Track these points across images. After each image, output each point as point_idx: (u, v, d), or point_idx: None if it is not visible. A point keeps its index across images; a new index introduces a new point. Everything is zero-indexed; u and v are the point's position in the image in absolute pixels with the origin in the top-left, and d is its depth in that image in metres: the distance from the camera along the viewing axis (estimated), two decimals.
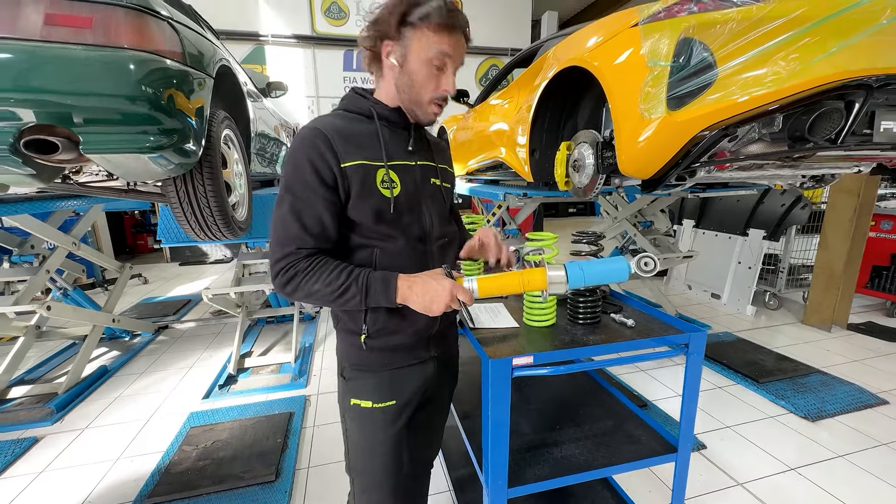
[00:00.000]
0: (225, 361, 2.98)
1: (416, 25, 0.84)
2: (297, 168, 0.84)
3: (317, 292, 0.83)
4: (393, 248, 0.92)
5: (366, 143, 0.90)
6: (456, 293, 0.84)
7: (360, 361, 0.97)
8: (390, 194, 0.89)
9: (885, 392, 2.48)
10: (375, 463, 0.97)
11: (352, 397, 0.97)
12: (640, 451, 1.19)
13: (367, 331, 0.93)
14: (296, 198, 0.84)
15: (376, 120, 0.92)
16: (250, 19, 6.11)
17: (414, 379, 0.99)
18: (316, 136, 0.85)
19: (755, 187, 2.92)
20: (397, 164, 0.92)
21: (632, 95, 1.58)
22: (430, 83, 0.88)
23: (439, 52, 0.85)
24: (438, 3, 0.84)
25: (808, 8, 1.34)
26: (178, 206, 1.63)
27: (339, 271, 0.84)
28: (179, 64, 1.42)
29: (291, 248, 0.84)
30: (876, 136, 1.43)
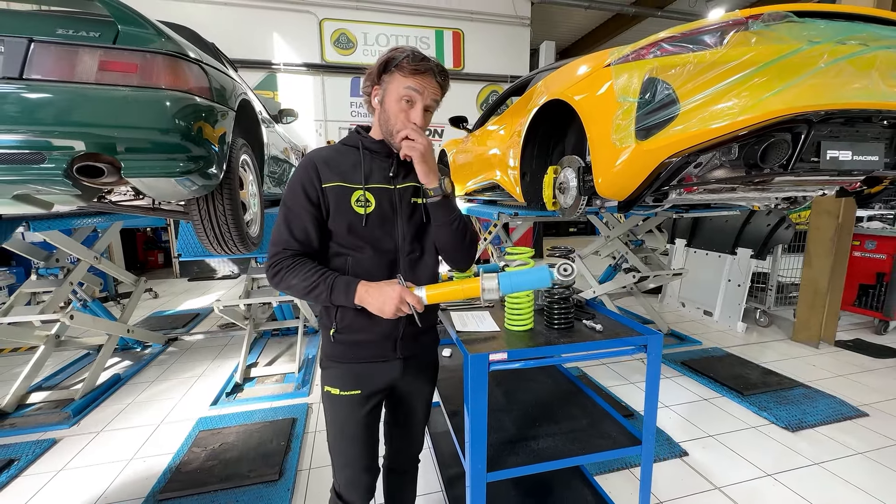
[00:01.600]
0: (232, 371, 3.12)
1: (392, 72, 1.05)
2: (293, 188, 1.08)
3: (295, 286, 1.04)
4: (363, 258, 1.10)
5: (347, 170, 1.10)
6: (405, 298, 1.00)
7: (331, 352, 1.15)
8: (364, 211, 1.08)
9: (865, 405, 2.57)
10: (346, 444, 1.16)
11: (325, 384, 1.16)
12: (608, 444, 1.32)
13: (337, 326, 1.12)
14: (289, 211, 1.07)
15: (360, 150, 1.12)
16: (264, 49, 6.50)
17: (378, 374, 1.15)
18: (308, 164, 1.08)
19: (736, 208, 3.08)
20: (375, 187, 1.10)
21: (605, 127, 1.77)
22: (400, 117, 1.06)
23: (406, 89, 1.04)
24: (408, 53, 1.04)
25: (755, 53, 1.53)
26: (200, 223, 1.81)
27: (314, 271, 1.05)
28: (207, 100, 1.63)
29: (280, 248, 1.07)
30: (822, 164, 1.60)
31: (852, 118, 1.59)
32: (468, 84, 7.33)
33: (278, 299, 2.93)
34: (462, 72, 7.25)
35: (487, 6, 7.13)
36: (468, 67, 7.26)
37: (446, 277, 1.93)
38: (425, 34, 7.03)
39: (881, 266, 3.63)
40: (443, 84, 1.10)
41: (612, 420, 1.48)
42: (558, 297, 1.38)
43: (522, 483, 1.74)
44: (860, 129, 1.64)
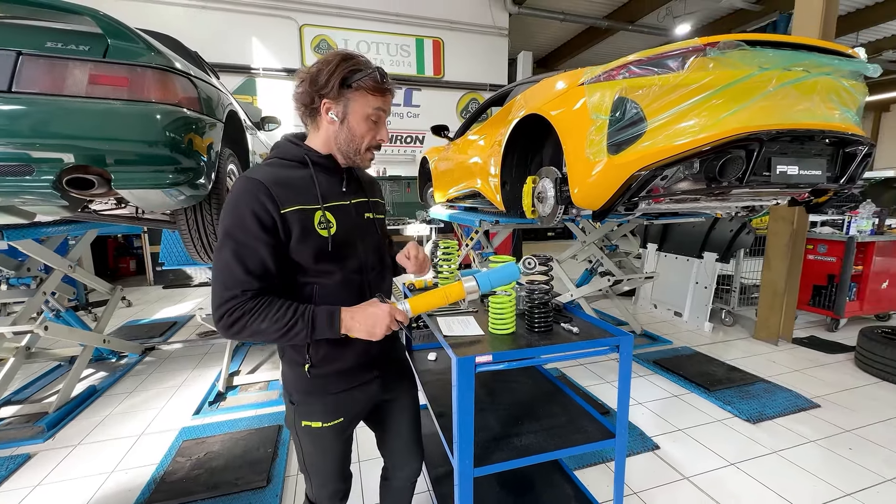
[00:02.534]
0: (214, 380, 3.09)
1: (356, 88, 0.98)
2: (239, 217, 0.91)
3: (264, 330, 0.90)
4: (331, 283, 1.03)
5: (302, 189, 0.99)
6: (394, 315, 0.98)
7: (307, 387, 1.08)
8: (328, 234, 0.99)
9: (818, 397, 2.79)
10: (328, 463, 1.14)
11: (303, 420, 1.08)
12: (585, 438, 1.42)
13: (311, 360, 1.04)
14: (238, 244, 0.91)
15: (310, 166, 1.03)
16: (243, 53, 6.44)
17: (360, 398, 1.14)
18: (256, 187, 0.93)
19: (701, 215, 3.29)
20: (332, 205, 1.03)
21: (580, 141, 1.90)
22: (370, 135, 1.04)
23: (376, 110, 1.02)
24: (373, 70, 0.98)
25: (713, 77, 1.68)
26: (188, 232, 1.83)
27: (286, 309, 0.92)
28: (196, 112, 1.66)
29: (237, 290, 0.90)
30: (773, 178, 1.77)
31: (798, 137, 1.76)
32: (448, 92, 7.46)
33: None
34: (442, 79, 7.37)
35: (467, 16, 7.29)
36: (448, 75, 7.39)
37: (431, 284, 2.01)
38: (406, 42, 7.13)
39: (832, 268, 3.92)
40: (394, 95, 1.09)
41: (589, 416, 1.58)
42: (538, 302, 1.47)
43: (507, 480, 1.83)
44: (805, 147, 1.82)
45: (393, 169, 7.46)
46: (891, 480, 2.00)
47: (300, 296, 1.01)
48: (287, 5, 6.47)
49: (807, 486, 1.97)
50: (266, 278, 0.94)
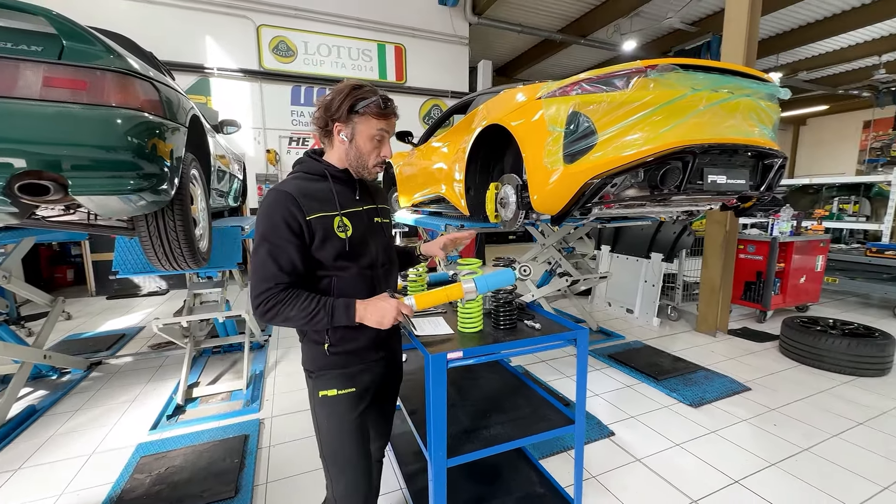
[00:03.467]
0: (171, 393, 2.96)
1: (362, 113, 1.16)
2: (274, 223, 1.10)
3: (293, 317, 1.09)
4: (347, 276, 1.21)
5: (323, 199, 1.18)
6: (401, 308, 1.14)
7: (325, 363, 1.23)
8: (345, 236, 1.18)
9: (749, 381, 3.11)
10: (344, 444, 1.23)
11: (320, 390, 1.23)
12: (548, 426, 1.54)
13: (330, 341, 1.21)
14: (272, 245, 1.10)
15: (329, 179, 1.22)
16: (196, 52, 6.18)
17: (368, 374, 1.28)
18: (286, 198, 1.12)
19: (648, 219, 3.58)
20: (349, 212, 1.22)
21: (538, 151, 2.04)
22: (374, 153, 1.21)
23: (380, 131, 1.19)
24: (377, 97, 1.17)
25: (653, 96, 1.88)
26: (148, 240, 1.78)
27: (310, 300, 1.10)
28: (159, 117, 1.63)
29: (271, 283, 1.09)
30: (705, 186, 1.99)
31: (725, 150, 2.00)
32: (411, 97, 7.54)
33: (224, 314, 2.85)
34: (405, 85, 7.44)
35: (428, 24, 7.42)
36: (410, 81, 7.47)
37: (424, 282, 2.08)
38: (368, 47, 7.13)
39: (759, 266, 4.37)
40: (398, 117, 1.28)
41: (551, 406, 1.71)
42: (503, 302, 1.58)
43: (476, 471, 1.92)
44: (731, 159, 2.06)
45: None
46: (807, 450, 2.29)
47: (320, 287, 1.19)
48: (243, 4, 6.30)
49: (739, 460, 2.21)
50: (294, 274, 1.12)
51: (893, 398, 2.85)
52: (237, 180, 3.83)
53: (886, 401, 2.81)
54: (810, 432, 2.46)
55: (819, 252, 4.62)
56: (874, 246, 4.99)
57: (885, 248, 4.89)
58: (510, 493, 1.78)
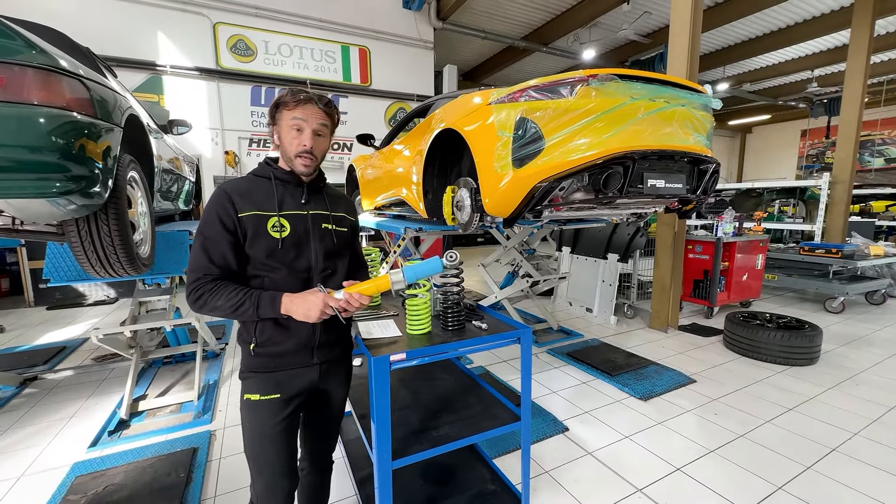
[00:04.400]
0: (115, 407, 2.80)
1: (280, 109, 1.22)
2: (209, 218, 1.17)
3: (220, 306, 1.14)
4: (278, 277, 1.22)
5: (262, 198, 1.22)
6: (328, 302, 1.14)
7: (251, 364, 1.25)
8: (279, 236, 1.20)
9: (695, 374, 3.30)
10: (265, 448, 1.23)
11: (245, 393, 1.24)
12: (497, 423, 1.58)
13: (256, 341, 1.22)
14: (206, 239, 1.16)
15: (273, 180, 1.25)
16: (146, 48, 5.89)
17: (298, 379, 1.26)
18: (221, 195, 1.19)
19: (602, 221, 3.73)
20: (289, 213, 1.23)
21: (489, 155, 2.09)
22: (293, 143, 1.22)
23: (293, 120, 1.20)
24: (288, 90, 1.22)
25: (596, 104, 1.96)
26: (80, 245, 1.68)
27: (238, 291, 1.15)
28: (89, 116, 1.55)
29: (200, 274, 1.15)
30: (645, 190, 2.10)
31: (663, 156, 2.12)
32: (376, 100, 7.50)
33: (172, 323, 2.72)
34: (369, 88, 7.40)
35: (393, 27, 7.41)
36: (375, 84, 7.43)
37: None
38: (331, 48, 7.04)
39: (706, 265, 4.64)
40: (328, 112, 1.25)
41: (501, 405, 1.75)
42: (451, 303, 1.61)
43: (430, 472, 1.93)
44: (669, 165, 2.19)
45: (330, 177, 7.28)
46: (743, 436, 2.45)
47: (253, 285, 1.21)
48: (198, 0, 6.07)
49: (682, 448, 2.34)
50: (225, 268, 1.17)
51: (820, 385, 3.09)
52: (189, 182, 3.68)
53: (814, 388, 3.05)
54: (746, 419, 2.63)
55: (759, 251, 4.96)
56: (807, 245, 5.42)
57: (816, 246, 5.31)
58: (462, 492, 1.80)
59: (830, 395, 2.93)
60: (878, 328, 4.45)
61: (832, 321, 4.69)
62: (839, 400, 2.87)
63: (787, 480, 2.06)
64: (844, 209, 6.16)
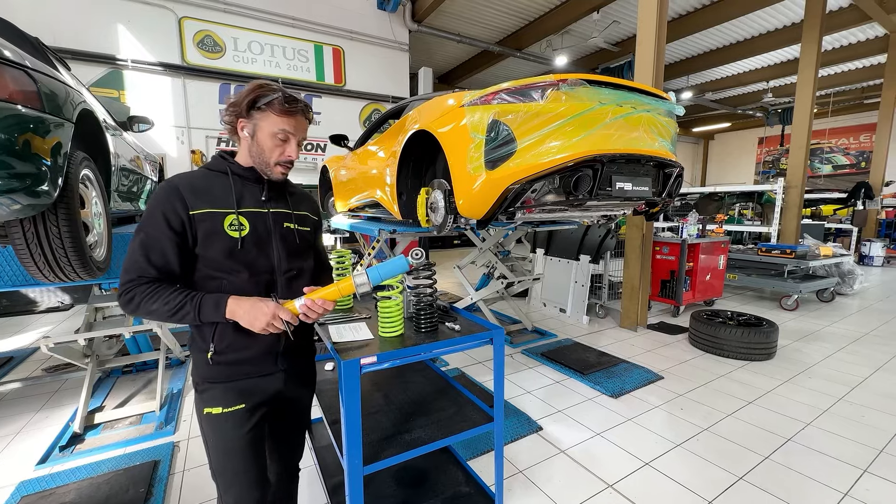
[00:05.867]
0: (68, 420, 2.63)
1: (263, 109, 1.11)
2: (151, 214, 1.07)
3: (156, 310, 1.03)
4: (239, 280, 1.13)
5: (218, 195, 1.12)
6: (278, 314, 1.05)
7: (209, 374, 1.15)
8: (238, 235, 1.11)
9: (663, 370, 3.41)
10: (233, 461, 1.16)
11: (204, 407, 1.15)
12: (470, 424, 1.58)
13: (214, 348, 1.12)
14: (147, 237, 1.06)
15: (230, 176, 1.16)
16: (104, 41, 5.60)
17: (262, 387, 1.19)
18: (170, 190, 1.08)
19: (574, 223, 3.81)
20: (248, 211, 1.15)
21: (462, 157, 2.10)
22: (276, 151, 1.15)
23: (281, 130, 1.13)
24: (279, 94, 1.11)
25: (566, 108, 2.00)
26: (25, 248, 1.57)
27: (177, 293, 1.05)
28: (35, 110, 1.45)
29: (134, 275, 1.05)
30: (613, 192, 2.15)
31: (630, 160, 2.18)
32: (350, 101, 7.41)
33: (132, 329, 2.58)
34: (343, 88, 7.30)
35: (368, 28, 7.35)
36: (350, 84, 7.35)
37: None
38: (304, 47, 6.91)
39: (672, 265, 4.82)
40: (310, 120, 1.22)
41: (474, 406, 1.75)
42: (424, 305, 1.60)
43: (403, 476, 1.91)
44: (636, 168, 2.25)
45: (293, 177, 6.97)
46: (707, 429, 2.55)
47: (208, 289, 1.11)
48: None
49: (650, 443, 2.41)
50: (164, 269, 1.06)
51: (777, 378, 3.26)
52: (150, 182, 3.52)
53: (771, 381, 3.22)
54: (710, 413, 2.74)
55: (721, 252, 5.19)
56: (764, 246, 5.72)
57: (772, 247, 5.62)
58: (437, 496, 1.79)
59: (786, 388, 3.10)
60: (828, 324, 4.74)
61: (787, 318, 4.97)
62: (794, 392, 3.03)
63: (748, 470, 2.15)
64: (797, 212, 6.54)
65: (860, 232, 8.98)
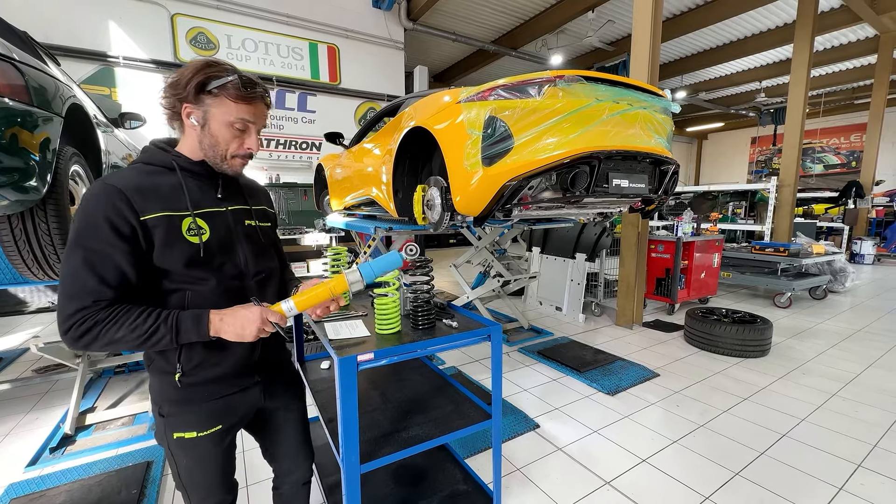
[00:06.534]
0: (58, 422, 2.59)
1: (216, 94, 0.96)
2: (92, 225, 0.87)
3: (121, 339, 0.86)
4: (205, 290, 1.00)
5: (169, 195, 0.96)
6: (266, 316, 0.95)
7: (178, 397, 1.02)
8: (199, 240, 0.97)
9: (659, 368, 3.42)
10: (209, 477, 1.09)
11: (174, 432, 1.02)
12: (468, 422, 1.56)
13: (182, 369, 0.99)
14: (90, 252, 0.86)
15: (178, 172, 0.99)
16: (96, 37, 5.52)
17: (240, 404, 1.11)
18: (111, 193, 0.89)
19: (570, 221, 3.81)
20: (205, 212, 1.01)
21: (459, 154, 2.08)
22: (234, 142, 1.01)
23: (240, 119, 0.98)
24: (235, 76, 0.95)
25: (563, 104, 1.99)
26: (13, 244, 1.54)
27: (147, 315, 0.89)
28: (22, 103, 1.43)
29: (87, 301, 0.86)
30: (610, 189, 2.15)
31: (627, 157, 2.18)
32: (345, 99, 7.37)
33: None
34: (339, 86, 7.26)
35: (363, 26, 7.32)
36: (345, 83, 7.31)
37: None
38: (298, 45, 6.87)
39: (668, 263, 4.84)
40: (269, 105, 1.07)
41: (472, 403, 1.74)
42: (421, 302, 1.59)
43: (402, 474, 1.89)
44: (632, 165, 2.25)
45: (288, 176, 7.07)
46: (703, 426, 2.56)
47: (170, 303, 0.98)
48: None
49: (647, 440, 2.41)
50: (122, 287, 0.90)
51: (771, 375, 3.28)
52: None
53: (766, 378, 3.24)
54: (706, 410, 2.75)
55: (715, 250, 5.22)
56: (757, 244, 5.76)
57: (766, 245, 5.66)
58: (434, 494, 1.78)
59: (780, 385, 3.12)
60: (821, 321, 4.79)
61: (781, 315, 5.01)
62: (788, 388, 3.05)
63: (744, 466, 2.16)
64: (790, 211, 6.60)
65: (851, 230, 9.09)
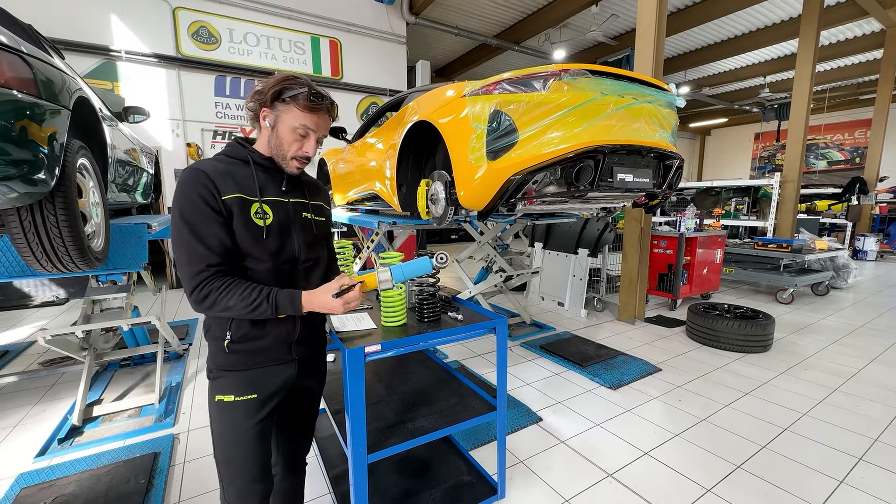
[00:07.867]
0: (66, 413, 2.61)
1: (287, 102, 1.11)
2: (190, 202, 1.04)
3: (233, 307, 1.04)
4: (262, 269, 1.13)
5: (242, 182, 1.12)
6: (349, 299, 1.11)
7: (225, 362, 1.15)
8: (263, 223, 1.12)
9: (661, 363, 3.43)
10: (239, 453, 1.15)
11: (216, 394, 1.15)
12: (472, 413, 1.58)
13: (231, 337, 1.12)
14: (195, 225, 1.03)
15: (252, 165, 1.16)
16: (98, 31, 5.51)
17: (276, 376, 1.19)
18: (199, 175, 1.06)
19: (573, 216, 3.81)
20: (271, 200, 1.15)
21: (464, 147, 2.09)
22: (294, 146, 1.15)
23: (302, 126, 1.13)
24: (306, 89, 1.11)
25: (567, 98, 1.99)
26: (22, 237, 1.55)
27: (252, 290, 1.05)
28: (31, 96, 1.43)
29: (202, 265, 1.03)
30: (615, 183, 2.15)
31: (631, 151, 2.18)
32: (348, 94, 7.35)
33: (129, 322, 2.57)
34: (341, 81, 7.24)
35: (365, 20, 7.29)
36: (347, 77, 7.29)
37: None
38: (300, 39, 6.84)
39: (670, 259, 4.85)
40: (334, 118, 1.22)
41: (476, 395, 1.75)
42: (427, 295, 1.60)
43: (405, 466, 1.91)
44: (637, 160, 2.25)
45: None
46: (705, 420, 2.58)
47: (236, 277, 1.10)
48: None
49: (649, 433, 2.43)
50: (225, 253, 1.06)
51: (772, 370, 3.30)
52: (147, 174, 3.48)
53: (767, 373, 3.25)
54: (707, 404, 2.77)
55: (718, 246, 5.22)
56: (760, 240, 5.75)
57: (768, 241, 5.65)
58: (439, 484, 1.80)
59: (782, 380, 3.13)
60: (823, 317, 4.79)
61: (783, 311, 5.01)
62: (790, 383, 3.06)
63: (745, 459, 2.18)
64: (793, 207, 6.58)
65: (854, 227, 9.07)
